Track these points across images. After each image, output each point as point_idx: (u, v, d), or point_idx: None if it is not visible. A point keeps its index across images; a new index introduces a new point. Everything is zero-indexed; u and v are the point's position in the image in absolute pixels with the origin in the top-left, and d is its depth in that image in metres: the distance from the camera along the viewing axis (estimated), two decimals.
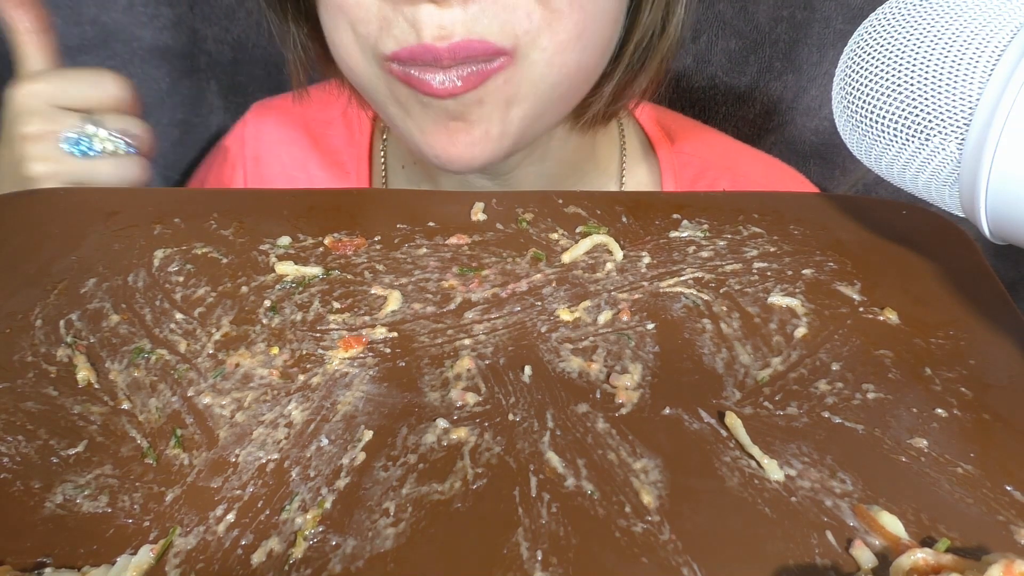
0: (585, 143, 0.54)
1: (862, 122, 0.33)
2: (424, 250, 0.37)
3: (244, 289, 0.35)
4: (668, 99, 0.63)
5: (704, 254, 0.37)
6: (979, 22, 0.30)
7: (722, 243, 0.38)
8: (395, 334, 0.33)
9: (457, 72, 0.38)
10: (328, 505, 0.26)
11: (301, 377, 0.31)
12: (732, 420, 0.28)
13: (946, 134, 0.31)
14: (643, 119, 0.60)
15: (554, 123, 0.47)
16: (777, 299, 0.35)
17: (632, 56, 0.46)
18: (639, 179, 0.58)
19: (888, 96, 0.32)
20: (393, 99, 0.42)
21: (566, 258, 0.37)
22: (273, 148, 0.61)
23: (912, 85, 0.31)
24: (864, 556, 0.24)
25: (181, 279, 0.35)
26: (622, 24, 0.45)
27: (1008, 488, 0.26)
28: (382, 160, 0.59)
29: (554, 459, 0.27)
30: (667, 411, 0.29)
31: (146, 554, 0.24)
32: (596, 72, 0.45)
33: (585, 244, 0.37)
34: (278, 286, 0.35)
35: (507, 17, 0.38)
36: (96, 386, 0.30)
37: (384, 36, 0.39)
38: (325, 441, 0.28)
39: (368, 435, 0.28)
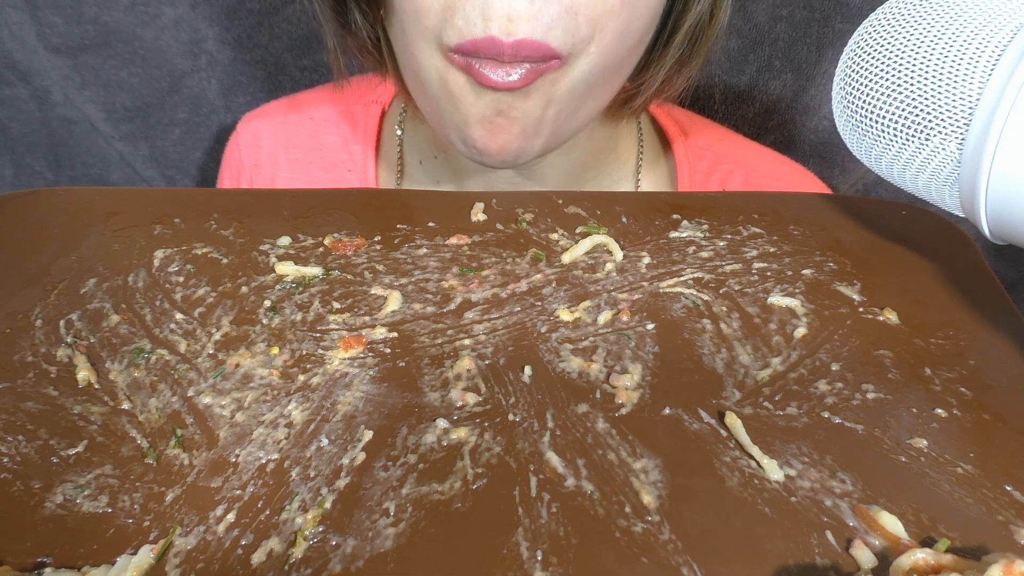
0: (608, 135, 0.55)
1: (862, 122, 0.33)
2: (424, 250, 0.37)
3: (244, 289, 0.35)
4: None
5: (704, 254, 0.37)
6: (979, 22, 0.30)
7: (722, 243, 0.38)
8: (395, 334, 0.33)
9: (515, 68, 0.40)
10: (328, 505, 0.26)
11: (301, 377, 0.31)
12: (732, 420, 0.29)
13: (946, 134, 0.31)
14: (657, 113, 0.60)
15: (589, 119, 0.48)
16: (777, 299, 0.35)
17: (683, 44, 0.47)
18: (655, 171, 0.58)
19: (888, 96, 0.32)
20: (445, 90, 0.43)
21: (566, 258, 0.37)
22: (271, 153, 0.61)
23: (912, 85, 0.31)
24: (864, 556, 0.24)
25: (181, 279, 0.35)
26: (661, 13, 0.45)
27: (1008, 488, 0.26)
28: (398, 155, 0.59)
29: (554, 459, 0.27)
30: (667, 411, 0.29)
31: (146, 554, 0.24)
32: (632, 65, 0.46)
33: (585, 244, 0.37)
34: (278, 286, 0.35)
35: (567, 22, 0.39)
36: (96, 386, 0.30)
37: (447, 28, 0.40)
38: (325, 441, 0.28)
39: (368, 435, 0.28)
